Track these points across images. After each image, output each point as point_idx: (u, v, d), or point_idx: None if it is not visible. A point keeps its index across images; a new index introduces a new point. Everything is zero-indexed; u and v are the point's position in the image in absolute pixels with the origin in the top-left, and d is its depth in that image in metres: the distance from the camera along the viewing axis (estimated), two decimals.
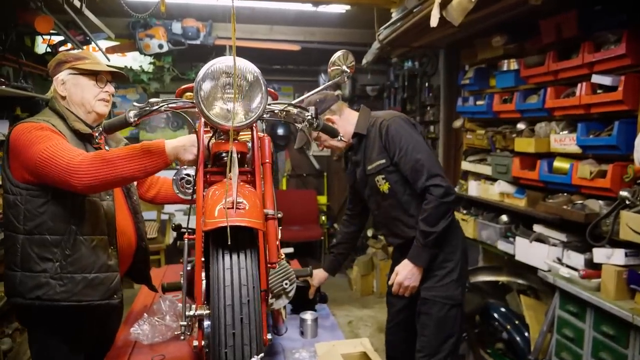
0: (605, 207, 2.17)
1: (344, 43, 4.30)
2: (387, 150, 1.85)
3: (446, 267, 1.89)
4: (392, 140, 1.83)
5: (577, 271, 2.13)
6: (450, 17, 2.22)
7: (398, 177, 1.87)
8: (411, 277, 1.85)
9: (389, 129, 1.84)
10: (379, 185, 1.90)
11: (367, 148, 1.92)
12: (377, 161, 1.88)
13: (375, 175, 1.90)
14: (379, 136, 1.87)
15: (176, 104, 1.29)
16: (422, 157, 1.80)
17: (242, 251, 0.95)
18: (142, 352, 1.68)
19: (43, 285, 1.51)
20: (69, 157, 1.38)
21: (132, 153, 1.38)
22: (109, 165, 1.36)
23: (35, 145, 1.43)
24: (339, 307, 4.23)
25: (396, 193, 1.89)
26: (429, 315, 1.87)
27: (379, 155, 1.87)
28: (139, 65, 4.44)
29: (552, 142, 2.50)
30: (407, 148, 1.81)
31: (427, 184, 1.78)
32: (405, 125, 1.86)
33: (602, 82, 2.13)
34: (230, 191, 0.98)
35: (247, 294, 0.90)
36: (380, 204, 1.97)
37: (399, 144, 1.82)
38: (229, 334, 0.87)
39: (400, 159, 1.81)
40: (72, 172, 1.36)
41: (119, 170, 1.36)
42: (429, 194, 1.78)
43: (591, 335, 2.05)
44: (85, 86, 1.63)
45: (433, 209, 1.77)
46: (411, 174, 1.81)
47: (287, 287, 1.57)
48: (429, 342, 1.87)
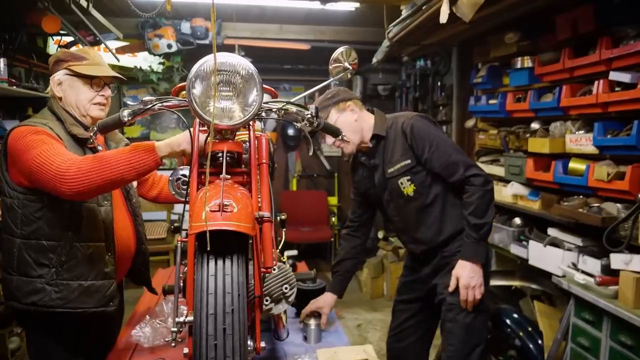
0: (623, 210, 2.08)
1: (354, 42, 4.25)
2: (414, 149, 1.77)
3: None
4: (419, 138, 1.76)
5: (593, 277, 2.05)
6: (460, 13, 2.16)
7: (425, 177, 1.80)
8: (474, 275, 1.73)
9: (413, 128, 1.77)
10: (402, 188, 1.82)
11: (386, 150, 1.84)
12: (400, 162, 1.80)
13: (398, 177, 1.81)
14: (402, 136, 1.80)
15: (170, 103, 1.26)
16: (453, 151, 1.77)
17: (229, 257, 0.90)
18: (142, 355, 1.67)
19: (39, 291, 1.50)
20: (58, 163, 1.35)
21: (121, 154, 1.34)
22: (97, 169, 1.32)
23: (30, 150, 1.41)
24: (348, 309, 4.18)
25: (422, 195, 1.81)
26: (456, 323, 1.77)
27: (403, 156, 1.79)
28: (149, 66, 4.45)
29: (567, 143, 2.41)
30: (438, 143, 1.75)
31: (466, 174, 1.72)
32: (429, 123, 1.83)
33: (620, 80, 2.04)
34: (214, 194, 0.93)
35: (231, 303, 0.85)
36: (402, 209, 1.87)
37: (428, 139, 1.75)
38: (210, 345, 0.82)
39: (432, 154, 1.75)
40: (60, 179, 1.33)
41: (108, 172, 1.32)
42: (470, 185, 1.72)
43: (608, 345, 1.96)
44: (81, 89, 1.60)
45: (479, 199, 1.71)
46: (446, 169, 1.75)
47: (287, 292, 1.52)
48: (456, 352, 1.77)
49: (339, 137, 1.46)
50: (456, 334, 1.77)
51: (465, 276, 1.73)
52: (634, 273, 1.89)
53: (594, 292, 2.04)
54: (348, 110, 1.85)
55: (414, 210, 1.85)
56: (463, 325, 1.76)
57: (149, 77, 4.40)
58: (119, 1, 3.45)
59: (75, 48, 3.66)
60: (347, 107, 1.85)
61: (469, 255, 1.73)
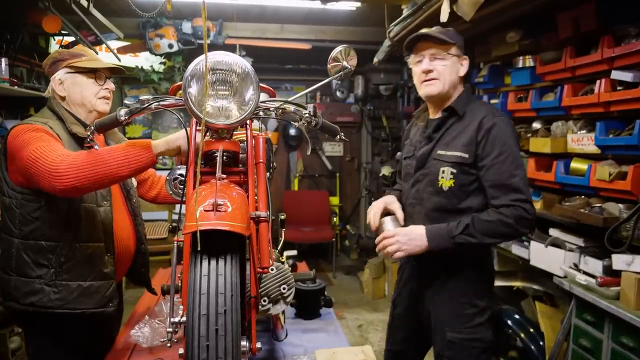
0: (625, 210, 2.06)
1: (355, 41, 4.24)
2: (479, 147, 1.54)
3: (478, 305, 1.60)
4: (492, 141, 1.52)
5: (595, 278, 2.04)
6: (461, 12, 2.15)
7: (469, 181, 1.57)
8: (409, 244, 1.55)
9: (493, 128, 1.54)
10: (440, 177, 1.59)
11: (451, 130, 1.62)
12: (457, 151, 1.57)
13: (443, 164, 1.59)
14: (475, 128, 1.55)
15: (167, 102, 1.25)
16: (519, 174, 1.52)
17: (222, 257, 0.89)
18: (141, 355, 1.65)
19: (37, 292, 1.49)
20: (52, 158, 1.34)
21: (116, 150, 1.34)
22: (91, 164, 1.31)
23: (27, 147, 1.40)
24: (349, 310, 4.17)
25: (454, 197, 1.58)
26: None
27: (463, 147, 1.56)
28: (150, 65, 4.45)
29: (569, 142, 2.40)
30: (507, 157, 1.51)
31: (510, 201, 1.48)
32: (512, 132, 1.58)
33: (622, 79, 2.02)
34: (208, 193, 0.93)
35: (224, 303, 0.84)
36: (424, 198, 1.64)
37: (501, 148, 1.51)
38: (202, 346, 0.81)
39: (493, 165, 1.51)
40: (54, 173, 1.32)
41: (102, 168, 1.31)
42: (507, 209, 1.48)
43: (609, 346, 1.94)
44: (85, 84, 1.60)
45: (499, 222, 1.48)
46: (495, 186, 1.51)
47: (285, 292, 1.51)
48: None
49: (337, 137, 1.44)
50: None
51: (405, 236, 1.56)
52: (636, 274, 1.88)
53: (596, 293, 2.02)
54: (462, 61, 1.65)
55: (434, 206, 1.62)
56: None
57: (150, 77, 4.40)
58: (120, 1, 3.45)
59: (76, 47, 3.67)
60: (462, 59, 1.65)
61: (432, 234, 1.54)
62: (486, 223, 1.49)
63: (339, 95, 5.66)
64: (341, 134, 1.45)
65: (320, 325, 1.92)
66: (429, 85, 1.62)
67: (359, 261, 5.43)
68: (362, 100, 5.65)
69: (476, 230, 1.50)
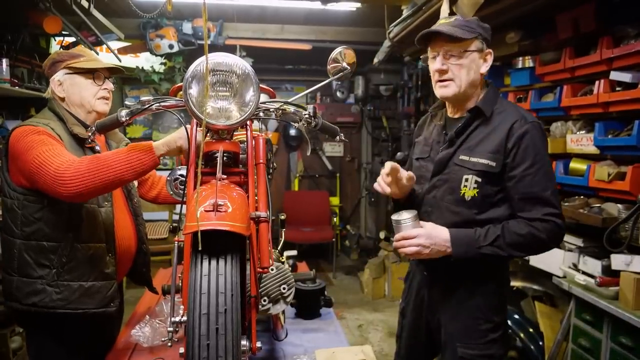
0: (624, 211, 2.07)
1: (355, 42, 4.24)
2: (509, 155, 1.38)
3: (493, 321, 1.48)
4: (525, 150, 1.36)
5: (594, 278, 2.04)
6: (460, 12, 2.15)
7: (494, 192, 1.41)
8: (430, 247, 1.40)
9: (526, 134, 1.37)
10: (463, 185, 1.43)
11: (476, 134, 1.44)
12: (483, 158, 1.40)
13: (467, 171, 1.42)
14: (506, 132, 1.38)
15: (168, 103, 1.26)
16: (552, 186, 1.38)
17: (222, 257, 0.90)
18: (142, 355, 1.66)
19: (39, 292, 1.50)
20: (57, 164, 1.35)
21: (119, 155, 1.35)
22: (95, 170, 1.33)
23: (30, 150, 1.41)
24: (349, 310, 4.18)
25: (476, 208, 1.42)
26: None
27: (491, 154, 1.39)
28: (150, 66, 4.46)
29: (568, 143, 2.40)
30: (540, 169, 1.36)
31: (543, 215, 1.35)
32: (545, 139, 1.42)
33: (621, 79, 2.03)
34: (209, 193, 0.93)
35: (224, 303, 0.85)
36: (442, 207, 1.48)
37: (534, 158, 1.36)
38: (202, 345, 0.82)
39: (525, 177, 1.36)
40: (59, 180, 1.34)
41: (107, 173, 1.33)
42: (540, 224, 1.36)
43: (608, 346, 1.95)
44: (83, 85, 1.60)
45: (531, 236, 1.35)
46: (527, 199, 1.37)
47: (285, 292, 1.52)
48: None
49: (337, 138, 1.45)
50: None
51: (427, 239, 1.40)
52: (635, 274, 1.88)
53: (595, 293, 2.03)
54: (484, 56, 1.45)
55: (452, 216, 1.46)
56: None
57: (151, 77, 4.41)
58: (121, 2, 3.46)
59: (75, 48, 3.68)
60: (485, 53, 1.45)
61: (458, 242, 1.39)
62: (517, 236, 1.36)
63: (339, 95, 5.67)
64: (341, 134, 1.46)
65: (320, 325, 1.93)
66: (443, 87, 1.46)
67: (359, 261, 5.44)
68: (362, 101, 5.65)
69: (506, 242, 1.36)
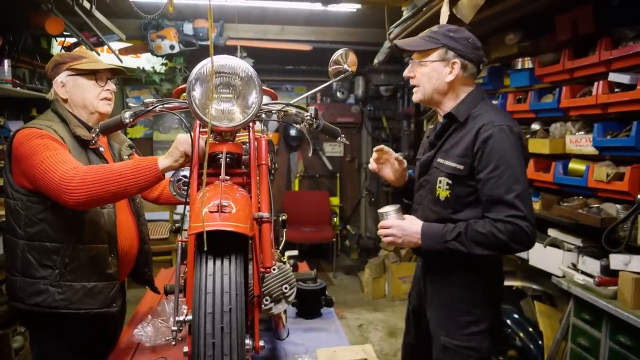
0: (622, 211, 2.08)
1: (355, 43, 4.26)
2: (475, 158, 1.45)
3: (474, 313, 1.53)
4: (489, 153, 1.42)
5: (593, 278, 2.06)
6: (460, 14, 2.16)
7: (466, 193, 1.49)
8: (403, 238, 1.53)
9: (490, 139, 1.42)
10: (437, 186, 1.54)
11: (451, 138, 1.54)
12: (453, 162, 1.50)
13: (441, 173, 1.53)
14: (473, 136, 1.45)
15: (171, 105, 1.28)
16: (517, 189, 1.39)
17: (227, 257, 0.92)
18: (144, 354, 1.67)
19: (42, 292, 1.51)
20: (62, 172, 1.37)
21: (125, 168, 1.37)
22: (100, 182, 1.35)
23: (34, 155, 1.43)
24: (349, 309, 4.19)
25: (451, 208, 1.53)
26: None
27: (459, 158, 1.49)
28: (151, 66, 4.47)
29: (567, 143, 2.42)
30: (504, 172, 1.40)
31: (505, 217, 1.38)
32: (513, 141, 1.43)
33: (619, 81, 2.05)
34: (213, 195, 0.95)
35: (229, 302, 0.87)
36: (424, 205, 1.62)
37: (497, 161, 1.41)
38: (208, 343, 0.83)
39: (489, 179, 1.41)
40: (64, 188, 1.35)
41: (111, 185, 1.35)
42: (501, 224, 1.39)
43: (607, 345, 1.96)
44: (86, 86, 1.62)
45: (491, 235, 1.39)
46: (489, 202, 1.43)
47: (286, 292, 1.53)
48: None
49: (338, 139, 1.46)
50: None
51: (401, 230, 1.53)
52: (633, 273, 1.90)
53: (594, 292, 2.04)
54: (450, 65, 1.51)
55: (431, 214, 1.58)
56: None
57: (152, 78, 4.43)
58: (122, 3, 3.47)
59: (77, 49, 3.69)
60: (451, 62, 1.51)
61: (427, 236, 1.50)
62: (478, 234, 1.42)
63: (339, 96, 5.69)
64: (342, 136, 1.47)
65: (321, 325, 1.94)
66: (414, 93, 1.60)
67: (359, 261, 5.46)
68: (362, 101, 5.67)
69: (467, 238, 1.43)
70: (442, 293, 1.59)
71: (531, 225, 1.40)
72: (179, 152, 1.36)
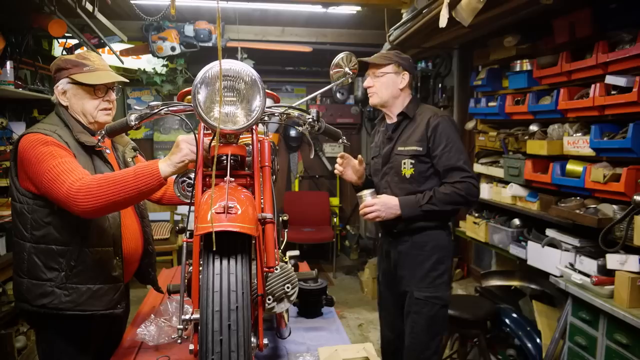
0: (619, 211, 2.11)
1: (355, 44, 4.28)
2: (430, 142, 1.96)
3: (439, 269, 2.01)
4: (439, 136, 1.94)
5: (590, 277, 2.08)
6: (459, 18, 2.19)
7: (427, 169, 1.99)
8: (385, 211, 1.97)
9: (439, 125, 1.95)
10: (402, 168, 2.01)
11: (406, 130, 2.04)
12: (412, 146, 1.98)
13: (404, 157, 2.00)
14: (425, 126, 1.97)
15: (176, 108, 1.30)
16: (463, 158, 1.95)
17: (233, 256, 0.94)
18: (147, 353, 1.69)
19: (49, 294, 1.53)
20: (70, 182, 1.39)
21: (127, 176, 1.39)
22: (105, 192, 1.37)
23: (40, 163, 1.44)
24: (349, 309, 4.22)
25: (416, 181, 2.00)
26: (420, 315, 2.00)
27: (417, 143, 1.97)
28: (152, 68, 4.49)
29: (565, 145, 2.45)
30: (452, 147, 1.93)
31: (460, 178, 1.91)
32: (453, 127, 1.99)
33: (616, 83, 2.07)
34: (218, 196, 0.97)
35: (235, 300, 0.89)
36: (394, 185, 2.06)
37: (446, 140, 1.93)
38: (216, 340, 0.86)
39: (443, 154, 1.93)
40: (72, 199, 1.38)
41: (116, 195, 1.37)
42: (459, 183, 1.91)
43: (604, 343, 1.99)
44: (85, 98, 1.61)
45: (454, 193, 1.91)
46: (446, 170, 1.94)
47: (289, 291, 1.55)
48: (418, 339, 2.00)
49: (339, 141, 1.49)
50: (420, 324, 2.00)
51: (382, 205, 1.97)
52: (629, 273, 1.92)
53: (591, 291, 2.07)
54: (401, 76, 2.03)
55: (399, 191, 2.03)
56: (427, 317, 1.99)
57: (153, 79, 4.45)
58: (124, 5, 3.50)
59: (79, 51, 3.71)
60: (402, 74, 2.04)
61: (404, 205, 1.96)
62: (444, 195, 1.92)
63: (339, 97, 5.71)
64: (343, 137, 1.50)
65: (322, 324, 1.96)
66: (370, 97, 2.08)
67: (358, 261, 5.48)
68: (362, 102, 5.68)
69: (437, 199, 1.92)
70: (413, 256, 2.03)
71: (477, 182, 1.96)
72: (183, 164, 1.37)
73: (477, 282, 3.72)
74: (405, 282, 2.06)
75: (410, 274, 2.04)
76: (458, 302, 2.75)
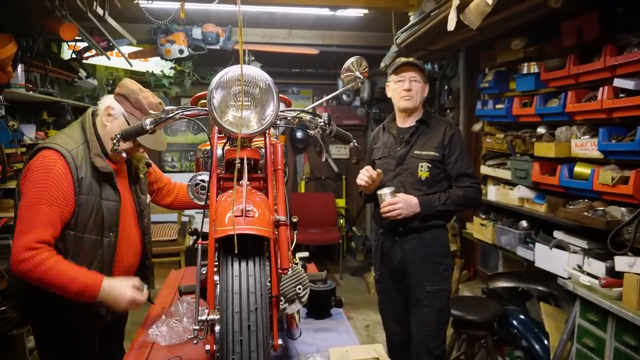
0: (627, 214, 2.12)
1: (362, 46, 4.29)
2: (446, 149, 2.15)
3: (445, 263, 2.19)
4: (455, 145, 2.15)
5: (598, 279, 2.09)
6: (467, 21, 2.21)
7: (439, 173, 2.16)
8: (406, 209, 2.09)
9: (455, 135, 2.18)
10: (419, 170, 2.16)
11: (423, 135, 2.20)
12: (430, 151, 2.15)
13: (421, 160, 2.15)
14: (442, 134, 2.16)
15: (191, 112, 1.32)
16: (472, 167, 2.21)
17: (251, 259, 0.96)
18: (159, 353, 1.71)
19: (43, 305, 1.59)
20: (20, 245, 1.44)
21: (70, 276, 1.46)
22: (44, 279, 1.44)
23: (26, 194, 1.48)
24: (356, 310, 4.23)
25: (429, 184, 2.16)
26: (432, 307, 2.15)
27: (435, 149, 2.15)
28: (160, 70, 4.53)
29: (572, 147, 2.45)
30: (465, 156, 2.17)
31: (470, 184, 2.15)
32: (462, 137, 2.25)
33: (624, 86, 2.08)
34: (239, 199, 0.99)
35: (255, 302, 0.91)
36: (405, 185, 2.18)
37: (461, 149, 2.16)
38: (236, 340, 0.88)
39: (457, 161, 2.14)
40: (14, 261, 1.44)
41: (51, 286, 1.46)
42: (469, 188, 2.14)
43: (612, 345, 1.99)
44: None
45: (466, 197, 2.14)
46: (458, 175, 2.15)
47: (300, 292, 1.57)
48: (430, 330, 2.15)
49: (350, 144, 1.51)
50: (431, 316, 2.15)
51: (405, 204, 2.10)
52: (638, 275, 1.93)
53: (599, 293, 2.07)
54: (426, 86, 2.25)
55: (414, 191, 2.16)
56: (438, 308, 2.15)
57: (161, 81, 4.48)
58: (133, 8, 3.53)
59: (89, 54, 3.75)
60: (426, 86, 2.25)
61: (423, 203, 2.12)
62: (457, 197, 2.13)
63: (345, 98, 5.73)
64: (354, 141, 1.53)
65: (331, 325, 1.97)
66: (408, 100, 2.18)
67: (365, 262, 5.49)
68: (368, 104, 5.71)
69: (452, 201, 2.13)
70: (423, 253, 2.17)
71: (480, 187, 2.22)
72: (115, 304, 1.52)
73: (483, 283, 3.72)
74: (414, 277, 2.19)
75: (421, 269, 2.17)
76: (465, 303, 2.76)
